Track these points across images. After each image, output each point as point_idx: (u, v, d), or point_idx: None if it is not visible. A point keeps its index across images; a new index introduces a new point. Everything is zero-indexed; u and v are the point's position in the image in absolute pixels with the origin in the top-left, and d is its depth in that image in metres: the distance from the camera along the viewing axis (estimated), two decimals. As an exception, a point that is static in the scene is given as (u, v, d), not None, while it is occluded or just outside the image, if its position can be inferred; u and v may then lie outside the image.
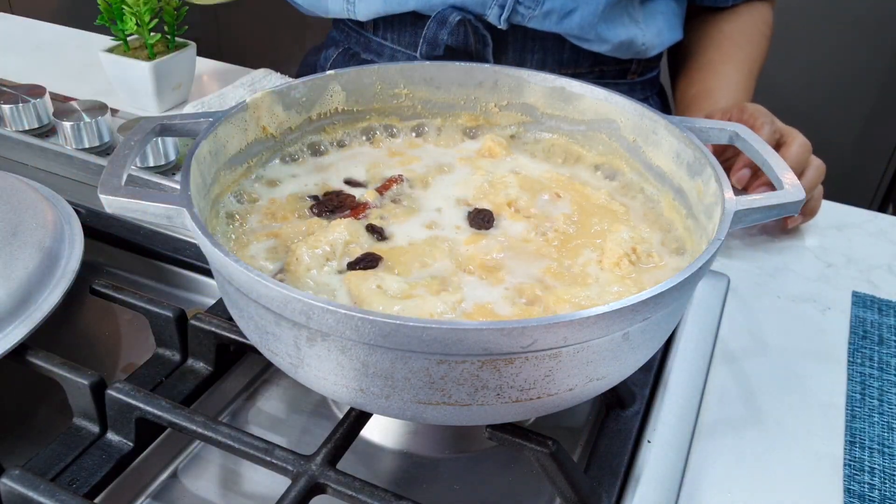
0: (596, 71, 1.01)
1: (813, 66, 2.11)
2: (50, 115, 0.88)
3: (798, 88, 2.14)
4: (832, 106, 2.14)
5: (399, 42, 1.01)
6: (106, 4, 0.93)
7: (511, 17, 0.91)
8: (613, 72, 1.02)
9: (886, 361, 0.65)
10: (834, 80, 2.11)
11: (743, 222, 0.50)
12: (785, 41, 2.11)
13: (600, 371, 0.45)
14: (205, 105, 0.97)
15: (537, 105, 0.67)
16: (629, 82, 1.04)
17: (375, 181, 0.63)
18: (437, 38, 0.93)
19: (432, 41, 0.94)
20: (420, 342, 0.40)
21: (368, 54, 1.06)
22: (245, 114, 0.60)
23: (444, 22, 0.92)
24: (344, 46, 1.10)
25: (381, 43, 1.03)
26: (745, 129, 0.59)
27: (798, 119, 2.35)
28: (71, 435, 0.54)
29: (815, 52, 2.09)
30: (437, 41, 0.93)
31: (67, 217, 0.66)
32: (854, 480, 0.55)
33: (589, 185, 0.64)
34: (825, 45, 2.07)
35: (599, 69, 1.01)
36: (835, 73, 2.10)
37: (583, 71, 1.00)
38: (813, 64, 2.11)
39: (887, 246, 0.80)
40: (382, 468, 0.58)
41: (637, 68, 1.04)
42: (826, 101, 2.14)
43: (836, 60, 2.08)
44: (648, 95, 1.08)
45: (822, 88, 2.13)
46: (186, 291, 0.74)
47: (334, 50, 1.12)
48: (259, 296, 0.43)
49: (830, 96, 2.13)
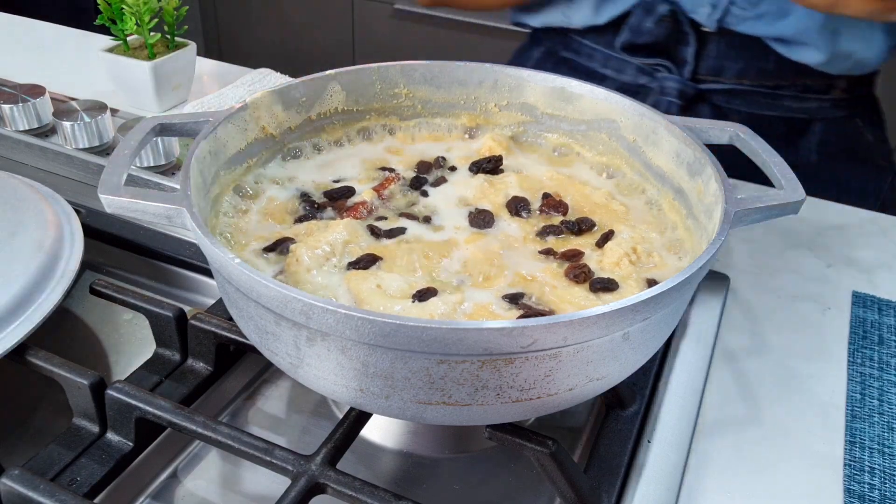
0: (799, 84, 0.92)
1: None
2: (50, 115, 0.88)
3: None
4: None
5: (599, 42, 0.98)
6: (106, 4, 0.93)
7: (723, 18, 0.86)
8: (818, 87, 0.93)
9: (886, 361, 0.65)
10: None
11: (743, 222, 0.50)
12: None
13: (600, 371, 0.45)
14: (205, 105, 0.97)
15: (537, 105, 0.67)
16: (833, 98, 0.94)
17: (374, 180, 0.63)
18: (641, 27, 0.89)
19: (636, 29, 0.89)
20: (420, 342, 0.40)
21: (568, 53, 1.03)
22: (245, 114, 0.60)
23: (650, 11, 0.88)
24: (546, 45, 1.07)
25: (581, 42, 1.00)
26: (746, 129, 0.59)
27: (798, 119, 2.28)
28: (71, 435, 0.54)
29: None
30: (641, 29, 0.89)
31: (67, 217, 0.66)
32: (854, 480, 0.55)
33: (589, 185, 0.64)
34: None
35: (803, 83, 0.92)
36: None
37: (784, 83, 0.92)
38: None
39: (887, 246, 0.80)
40: (382, 468, 0.58)
41: (845, 84, 0.93)
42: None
43: None
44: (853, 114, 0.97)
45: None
46: (186, 291, 0.74)
47: (536, 50, 1.09)
48: (259, 296, 0.43)
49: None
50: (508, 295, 0.51)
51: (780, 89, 0.82)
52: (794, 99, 0.92)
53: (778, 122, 0.96)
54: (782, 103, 0.92)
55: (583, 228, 0.58)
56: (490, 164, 0.64)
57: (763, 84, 0.86)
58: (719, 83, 0.91)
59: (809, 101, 0.67)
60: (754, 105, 0.76)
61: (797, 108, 0.93)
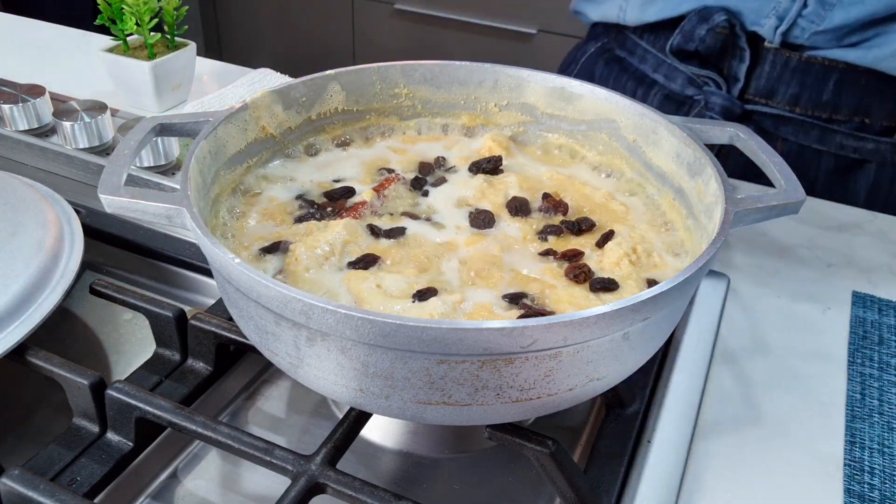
0: (856, 121, 0.84)
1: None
2: (50, 115, 0.88)
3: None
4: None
5: (654, 44, 0.95)
6: (106, 4, 0.93)
7: (789, 31, 0.80)
8: (879, 127, 0.84)
9: (886, 361, 0.65)
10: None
11: (743, 222, 0.50)
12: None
13: (600, 371, 0.45)
14: (205, 105, 0.97)
15: (537, 105, 0.67)
16: (893, 142, 0.85)
17: (374, 181, 0.63)
18: (693, 33, 0.84)
19: (689, 34, 0.85)
20: (420, 342, 0.40)
21: (622, 52, 1.01)
22: (245, 114, 0.60)
23: (707, 18, 0.84)
24: (603, 41, 1.06)
25: (636, 42, 0.98)
26: (745, 129, 0.59)
27: (798, 119, 2.27)
28: (71, 435, 0.54)
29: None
30: (694, 35, 0.85)
31: (67, 217, 0.66)
32: (854, 480, 0.55)
33: (589, 185, 0.64)
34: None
35: (862, 120, 0.84)
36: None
37: (841, 119, 0.84)
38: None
39: (887, 246, 0.80)
40: (382, 468, 0.58)
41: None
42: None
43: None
44: None
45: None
46: (186, 291, 0.74)
47: (593, 44, 1.07)
48: (259, 296, 0.43)
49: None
50: (508, 295, 0.51)
51: (834, 123, 0.74)
52: (848, 136, 0.86)
53: (828, 158, 0.89)
54: (835, 139, 0.86)
55: (583, 228, 0.58)
56: (490, 165, 0.64)
57: (817, 115, 0.80)
58: (769, 107, 0.87)
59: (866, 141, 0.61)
60: (803, 136, 0.69)
61: (851, 147, 0.87)
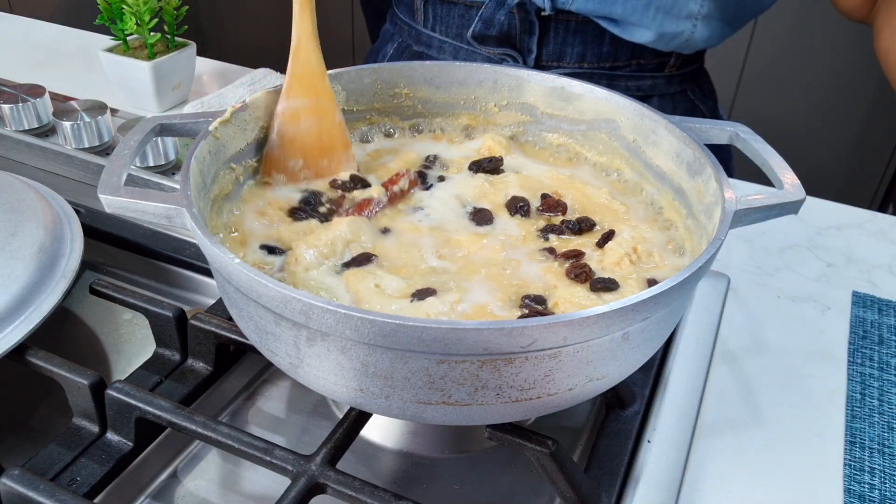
0: (633, 64, 0.99)
1: (813, 64, 2.11)
2: (50, 115, 0.88)
3: (799, 88, 2.14)
4: (833, 105, 2.14)
5: (447, 34, 1.02)
6: (106, 4, 0.93)
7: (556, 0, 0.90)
8: (652, 65, 1.00)
9: (886, 361, 0.65)
10: (834, 79, 2.11)
11: (743, 222, 0.50)
12: (785, 39, 2.11)
13: (600, 371, 0.45)
14: (205, 105, 0.97)
15: (537, 105, 0.67)
16: (667, 75, 1.02)
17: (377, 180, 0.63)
18: (493, 18, 0.92)
19: (489, 20, 0.93)
20: (420, 342, 0.40)
21: (420, 46, 1.06)
22: (245, 114, 0.60)
23: (502, 3, 0.92)
24: (398, 41, 1.11)
25: (430, 35, 1.04)
26: (745, 129, 0.59)
27: (799, 118, 2.36)
28: (71, 435, 0.54)
29: (816, 50, 2.09)
30: (494, 21, 0.93)
31: (67, 217, 0.66)
32: (854, 480, 0.55)
33: (589, 185, 0.64)
34: (825, 44, 2.07)
35: (637, 62, 0.99)
36: (835, 71, 2.10)
37: (620, 64, 0.98)
38: (813, 63, 2.11)
39: (887, 246, 0.80)
40: (382, 468, 0.58)
41: (676, 62, 1.00)
42: (826, 100, 2.14)
43: (836, 59, 2.08)
44: (686, 88, 1.05)
45: (823, 88, 2.13)
46: (186, 291, 0.74)
47: (390, 46, 1.13)
48: (259, 296, 0.43)
49: (831, 96, 2.13)
50: (508, 295, 0.51)
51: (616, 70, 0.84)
52: (630, 78, 0.97)
53: None
54: (620, 83, 0.98)
55: (583, 228, 0.58)
56: (490, 164, 0.64)
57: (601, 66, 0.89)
58: (561, 67, 0.97)
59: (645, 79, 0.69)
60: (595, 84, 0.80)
61: (634, 86, 0.99)
